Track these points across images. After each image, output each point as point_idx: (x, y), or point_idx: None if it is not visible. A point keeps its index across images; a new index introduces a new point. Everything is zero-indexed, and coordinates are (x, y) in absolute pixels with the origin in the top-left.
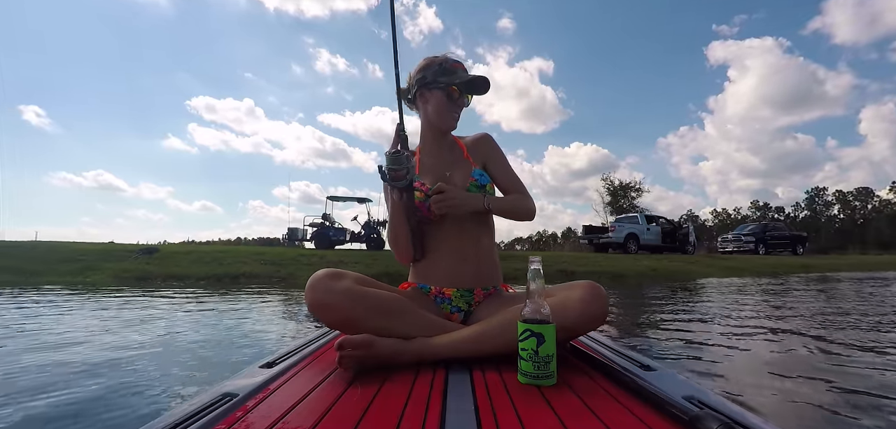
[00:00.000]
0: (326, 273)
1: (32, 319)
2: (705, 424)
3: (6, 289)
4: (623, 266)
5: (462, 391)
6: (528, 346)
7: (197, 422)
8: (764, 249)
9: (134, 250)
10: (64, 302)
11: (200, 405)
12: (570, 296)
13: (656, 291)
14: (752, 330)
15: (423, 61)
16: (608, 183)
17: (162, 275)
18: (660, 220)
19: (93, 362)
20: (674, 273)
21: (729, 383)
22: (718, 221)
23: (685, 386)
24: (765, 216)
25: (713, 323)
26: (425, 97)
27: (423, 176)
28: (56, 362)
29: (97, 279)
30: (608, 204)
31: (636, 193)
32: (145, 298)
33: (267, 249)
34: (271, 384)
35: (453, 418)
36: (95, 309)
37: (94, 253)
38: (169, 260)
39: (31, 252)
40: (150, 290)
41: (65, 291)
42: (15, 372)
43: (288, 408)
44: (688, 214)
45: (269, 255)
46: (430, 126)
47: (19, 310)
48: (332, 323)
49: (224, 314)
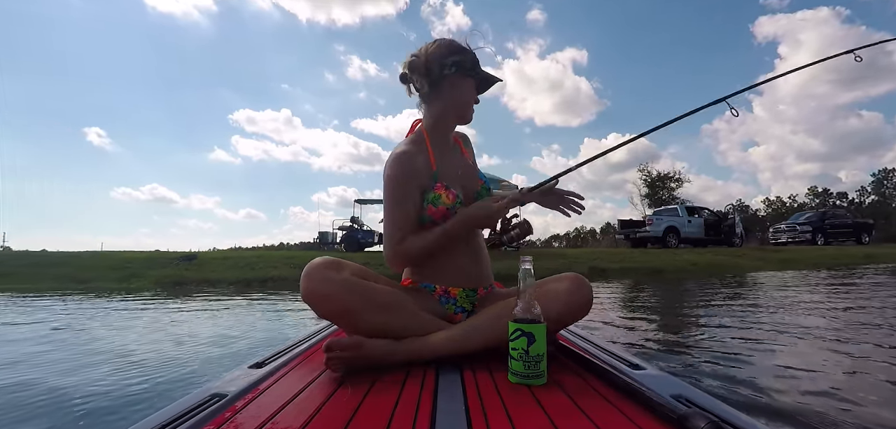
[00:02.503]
0: (324, 262)
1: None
2: (694, 422)
3: (47, 293)
4: (661, 261)
5: (452, 391)
6: (518, 345)
7: (185, 422)
8: (823, 238)
9: (175, 258)
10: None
11: (189, 406)
12: (555, 288)
13: (695, 287)
14: (809, 334)
15: (448, 41)
16: (645, 174)
17: (197, 280)
18: (703, 211)
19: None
20: (718, 267)
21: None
22: (772, 210)
23: (674, 385)
24: (824, 203)
25: (760, 327)
26: (456, 82)
27: (440, 174)
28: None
29: (139, 285)
30: (646, 196)
31: (676, 184)
32: (161, 302)
33: (297, 253)
34: (260, 385)
35: (444, 419)
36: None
37: (139, 261)
38: (205, 266)
39: (87, 261)
40: (169, 294)
41: (74, 297)
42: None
43: (277, 409)
44: (736, 203)
45: (298, 259)
46: (452, 115)
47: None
48: (326, 314)
49: (217, 315)
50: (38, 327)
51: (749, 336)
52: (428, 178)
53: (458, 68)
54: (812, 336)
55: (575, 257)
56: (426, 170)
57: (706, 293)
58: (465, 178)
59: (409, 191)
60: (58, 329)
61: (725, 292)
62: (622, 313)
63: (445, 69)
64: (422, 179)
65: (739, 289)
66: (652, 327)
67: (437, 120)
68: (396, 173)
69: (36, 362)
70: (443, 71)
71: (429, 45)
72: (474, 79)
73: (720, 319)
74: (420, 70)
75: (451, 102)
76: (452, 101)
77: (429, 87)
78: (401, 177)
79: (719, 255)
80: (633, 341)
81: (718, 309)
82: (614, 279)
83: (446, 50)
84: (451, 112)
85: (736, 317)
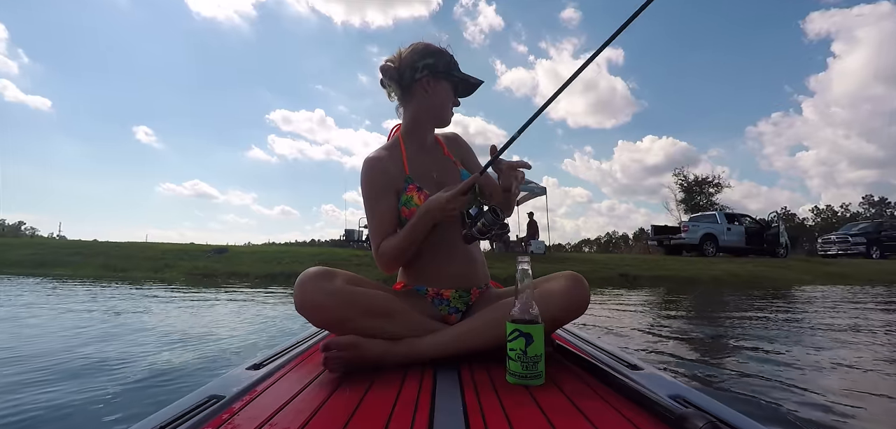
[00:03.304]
0: (316, 272)
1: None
2: (692, 422)
3: (78, 280)
4: (695, 270)
5: (450, 392)
6: (516, 346)
7: (183, 424)
8: (878, 251)
9: (207, 251)
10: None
11: (186, 407)
12: (552, 287)
13: (731, 299)
14: (858, 363)
15: (422, 45)
16: (681, 178)
17: (225, 272)
18: (744, 218)
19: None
20: (758, 279)
21: None
22: (821, 219)
23: (672, 385)
24: (881, 213)
25: (804, 345)
26: (431, 86)
27: (413, 177)
28: None
29: (171, 275)
30: (682, 202)
31: (715, 189)
32: (179, 291)
33: (325, 249)
34: (258, 386)
35: (442, 419)
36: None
37: (173, 252)
38: (235, 259)
39: (127, 251)
40: (195, 284)
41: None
42: None
43: (275, 410)
44: (781, 211)
45: (325, 255)
46: (427, 119)
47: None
48: (320, 323)
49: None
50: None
51: (783, 359)
52: (401, 181)
53: (430, 71)
54: (860, 367)
55: (603, 263)
56: (399, 173)
57: (741, 306)
58: (442, 178)
59: (382, 196)
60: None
61: (764, 306)
62: (642, 322)
63: (417, 73)
64: (395, 182)
65: (781, 303)
66: (672, 340)
67: (412, 124)
68: (367, 180)
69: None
70: (414, 75)
71: (404, 50)
72: (450, 81)
73: (754, 334)
74: (393, 75)
75: (423, 106)
76: (425, 104)
77: (401, 91)
78: (371, 183)
79: (760, 265)
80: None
81: (754, 324)
82: (644, 287)
83: (418, 54)
84: (423, 115)
85: (773, 333)
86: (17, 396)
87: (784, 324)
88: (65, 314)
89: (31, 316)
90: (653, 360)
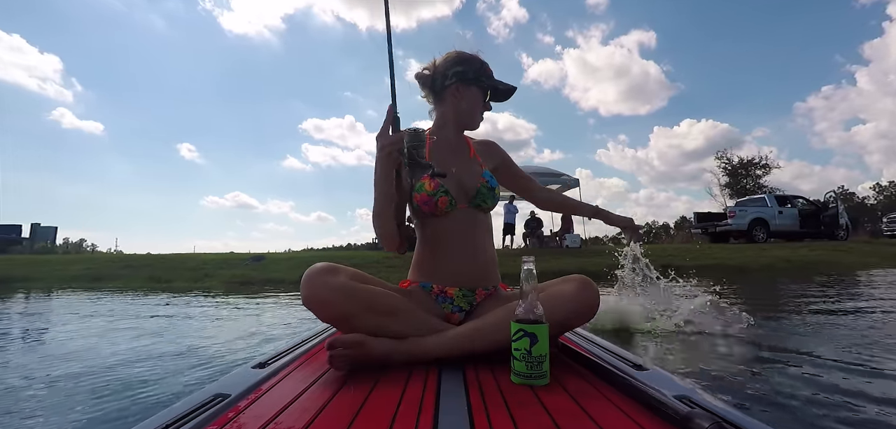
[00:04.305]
0: (322, 268)
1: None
2: (697, 423)
3: (133, 291)
4: (744, 257)
5: (455, 392)
6: (521, 346)
7: (189, 422)
8: None
9: (245, 259)
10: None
11: (192, 405)
12: (561, 290)
13: (788, 287)
14: None
15: (455, 53)
16: (725, 161)
17: (261, 280)
18: (797, 200)
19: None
20: (816, 264)
21: None
22: (884, 197)
23: (677, 386)
24: None
25: (859, 341)
26: (460, 92)
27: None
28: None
29: (210, 284)
30: (726, 186)
31: (763, 170)
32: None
33: (358, 253)
34: (264, 385)
35: (446, 419)
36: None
37: (214, 262)
38: (271, 266)
39: (171, 262)
40: (230, 292)
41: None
42: None
43: (280, 408)
44: (838, 190)
45: (358, 258)
46: (456, 121)
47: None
48: (326, 318)
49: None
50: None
51: (825, 355)
52: None
53: (459, 78)
54: None
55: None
56: None
57: (794, 294)
58: (462, 175)
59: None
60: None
61: (821, 293)
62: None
63: (447, 80)
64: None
65: (842, 289)
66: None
67: (440, 126)
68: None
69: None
70: (444, 82)
71: (439, 59)
72: (480, 88)
73: (819, 329)
74: (426, 82)
75: (452, 111)
76: (453, 109)
77: (433, 96)
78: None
79: (817, 249)
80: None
81: (816, 316)
82: (688, 278)
83: (449, 62)
84: (451, 120)
85: (840, 326)
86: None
87: (844, 316)
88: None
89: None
90: (675, 362)
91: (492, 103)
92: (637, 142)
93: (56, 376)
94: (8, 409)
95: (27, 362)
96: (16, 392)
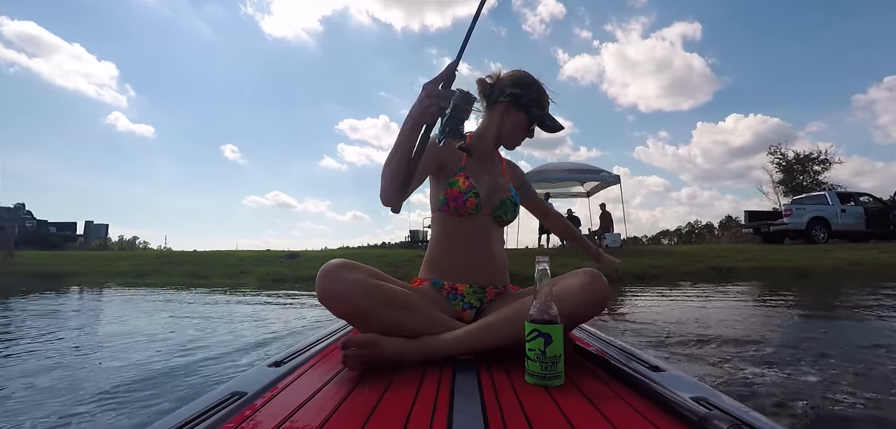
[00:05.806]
0: (339, 264)
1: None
2: (714, 424)
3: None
4: (805, 260)
5: (469, 391)
6: (535, 346)
7: (205, 421)
8: None
9: (280, 256)
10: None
11: (209, 404)
12: (571, 283)
13: (856, 294)
14: None
15: (521, 74)
16: (779, 157)
17: (293, 277)
18: (862, 198)
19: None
20: (889, 267)
21: None
22: None
23: (694, 387)
24: None
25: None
26: (509, 112)
27: (467, 170)
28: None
29: (245, 281)
30: (780, 183)
31: (821, 166)
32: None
33: (391, 251)
34: (279, 383)
35: (461, 418)
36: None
37: (250, 259)
38: (304, 264)
39: (210, 259)
40: (260, 289)
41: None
42: None
43: (296, 407)
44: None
45: (390, 255)
46: (497, 136)
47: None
48: (340, 313)
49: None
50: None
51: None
52: (454, 164)
53: (512, 100)
54: None
55: (688, 255)
56: (456, 160)
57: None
58: (492, 185)
59: (427, 153)
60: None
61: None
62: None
63: (502, 96)
64: (447, 161)
65: None
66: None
67: (482, 134)
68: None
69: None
70: (499, 96)
71: (505, 73)
72: (527, 115)
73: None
74: (483, 89)
75: (496, 125)
76: (498, 124)
77: (486, 104)
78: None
79: (888, 251)
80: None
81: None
82: (741, 280)
83: (509, 81)
84: (493, 132)
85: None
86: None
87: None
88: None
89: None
90: (692, 366)
91: (535, 131)
92: (679, 138)
93: (57, 377)
94: (8, 409)
95: (27, 362)
96: (11, 393)
